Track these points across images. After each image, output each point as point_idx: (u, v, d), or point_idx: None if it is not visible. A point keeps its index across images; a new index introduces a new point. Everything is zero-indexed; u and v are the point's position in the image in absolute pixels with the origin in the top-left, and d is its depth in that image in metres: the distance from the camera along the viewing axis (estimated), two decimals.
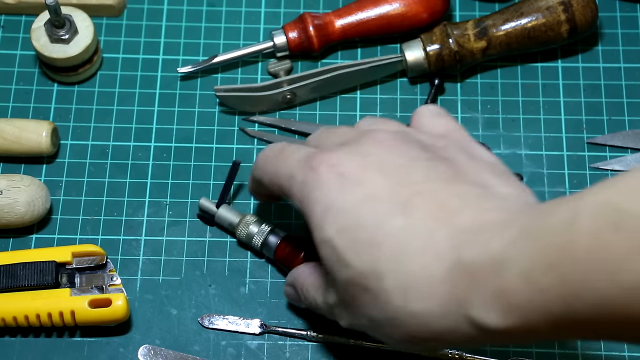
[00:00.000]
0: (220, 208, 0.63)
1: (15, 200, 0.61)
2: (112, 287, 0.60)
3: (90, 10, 0.70)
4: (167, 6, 0.72)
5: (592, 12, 0.66)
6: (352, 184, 0.46)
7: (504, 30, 0.66)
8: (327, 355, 0.60)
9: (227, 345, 0.61)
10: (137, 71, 0.70)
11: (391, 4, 0.68)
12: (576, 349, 0.60)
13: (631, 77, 0.69)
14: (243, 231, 0.61)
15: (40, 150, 0.65)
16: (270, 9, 0.72)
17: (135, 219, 0.65)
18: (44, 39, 0.67)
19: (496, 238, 0.40)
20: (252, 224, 0.61)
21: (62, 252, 0.61)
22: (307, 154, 0.49)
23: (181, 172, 0.66)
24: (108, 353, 0.60)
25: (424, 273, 0.43)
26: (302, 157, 0.49)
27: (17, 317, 0.59)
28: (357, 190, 0.46)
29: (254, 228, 0.61)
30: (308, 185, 0.48)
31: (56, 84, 0.69)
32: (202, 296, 0.62)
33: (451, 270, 0.42)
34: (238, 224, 0.62)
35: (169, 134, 0.68)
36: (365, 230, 0.45)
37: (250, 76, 0.70)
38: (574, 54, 0.70)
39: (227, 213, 0.62)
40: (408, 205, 0.45)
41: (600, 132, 0.67)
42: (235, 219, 0.62)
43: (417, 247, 0.43)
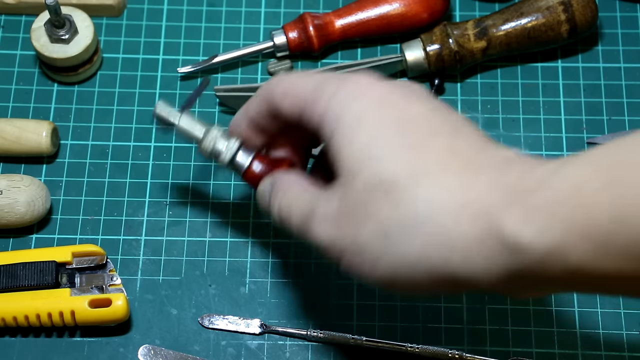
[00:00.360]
0: (183, 116, 0.55)
1: (15, 200, 0.61)
2: (112, 287, 0.60)
3: (90, 10, 0.70)
4: (167, 6, 0.72)
5: (592, 12, 0.66)
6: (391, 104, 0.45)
7: (504, 30, 0.66)
8: (327, 355, 0.60)
9: (227, 345, 0.61)
10: (137, 71, 0.70)
11: (391, 4, 0.68)
12: (576, 348, 0.60)
13: (631, 77, 0.69)
14: (209, 146, 0.54)
15: (40, 150, 0.65)
16: (270, 9, 0.72)
17: (135, 219, 0.65)
18: (44, 39, 0.67)
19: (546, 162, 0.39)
20: (219, 138, 0.54)
21: (62, 252, 0.61)
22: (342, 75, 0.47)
23: (181, 172, 0.66)
24: (108, 353, 0.60)
25: (458, 182, 0.41)
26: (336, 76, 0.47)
27: (17, 317, 0.59)
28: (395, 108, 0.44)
29: (221, 142, 0.54)
30: (340, 93, 0.45)
31: (56, 84, 0.69)
32: (202, 296, 0.62)
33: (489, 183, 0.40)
34: (203, 137, 0.54)
35: (169, 134, 0.68)
36: (404, 142, 0.43)
37: (250, 76, 0.70)
38: (574, 54, 0.70)
39: (191, 123, 0.55)
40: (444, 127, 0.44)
41: (600, 132, 0.67)
42: (200, 132, 0.54)
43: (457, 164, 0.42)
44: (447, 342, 0.61)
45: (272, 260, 0.63)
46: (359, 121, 0.44)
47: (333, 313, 0.62)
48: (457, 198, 0.41)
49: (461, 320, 0.61)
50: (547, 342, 0.60)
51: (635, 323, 0.61)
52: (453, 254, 0.40)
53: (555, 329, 0.61)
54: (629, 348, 0.60)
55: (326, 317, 0.61)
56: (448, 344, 0.61)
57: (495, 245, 0.39)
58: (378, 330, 0.61)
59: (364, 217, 0.43)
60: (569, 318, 0.61)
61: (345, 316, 0.61)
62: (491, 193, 0.40)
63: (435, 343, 0.60)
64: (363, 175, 0.43)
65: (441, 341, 0.61)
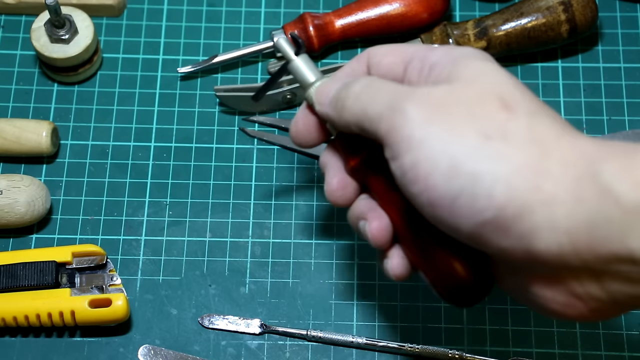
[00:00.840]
0: (302, 55, 0.52)
1: (15, 200, 0.61)
2: (112, 287, 0.60)
3: (90, 10, 0.70)
4: (167, 6, 0.72)
5: (592, 12, 0.66)
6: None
7: (504, 30, 0.66)
8: (327, 355, 0.60)
9: (227, 345, 0.61)
10: (137, 71, 0.70)
11: (391, 4, 0.68)
12: (576, 348, 0.60)
13: (631, 77, 0.69)
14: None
15: (40, 150, 0.65)
16: (270, 9, 0.72)
17: (135, 219, 0.65)
18: (44, 39, 0.67)
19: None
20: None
21: (62, 252, 0.61)
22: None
23: (181, 172, 0.66)
24: (108, 353, 0.60)
25: (569, 130, 0.41)
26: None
27: (17, 317, 0.59)
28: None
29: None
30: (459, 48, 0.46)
31: (56, 84, 0.69)
32: (202, 296, 0.62)
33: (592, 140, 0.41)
34: (313, 83, 0.51)
35: (169, 134, 0.68)
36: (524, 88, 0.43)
37: (250, 76, 0.70)
38: (574, 54, 0.70)
39: (308, 64, 0.51)
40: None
41: (600, 132, 0.67)
42: (312, 77, 0.51)
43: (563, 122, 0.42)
44: (447, 342, 0.61)
45: (272, 260, 0.63)
46: (485, 58, 0.44)
47: (333, 313, 0.62)
48: (566, 139, 0.41)
49: (461, 320, 0.61)
50: (547, 342, 0.60)
51: (635, 323, 0.61)
52: (545, 184, 0.39)
53: (555, 329, 0.61)
54: (629, 348, 0.60)
55: (326, 317, 0.61)
56: (448, 344, 0.61)
57: (590, 187, 0.38)
58: (378, 330, 0.61)
59: (471, 116, 0.41)
60: None
61: (345, 316, 0.61)
62: (599, 145, 0.40)
63: (435, 343, 0.60)
64: (483, 83, 0.42)
65: (441, 341, 0.61)
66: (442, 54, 0.45)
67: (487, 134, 0.41)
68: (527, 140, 0.40)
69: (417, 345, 0.60)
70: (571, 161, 0.40)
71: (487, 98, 0.42)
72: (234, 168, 0.66)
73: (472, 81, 0.43)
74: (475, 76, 0.43)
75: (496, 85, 0.43)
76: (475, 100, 0.42)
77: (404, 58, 0.47)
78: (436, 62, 0.45)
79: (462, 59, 0.44)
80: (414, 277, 0.63)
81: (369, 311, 0.62)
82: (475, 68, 0.44)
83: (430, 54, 0.46)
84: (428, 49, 0.47)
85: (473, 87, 0.43)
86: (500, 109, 0.41)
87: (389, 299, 0.62)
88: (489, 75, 0.43)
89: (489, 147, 0.40)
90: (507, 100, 0.42)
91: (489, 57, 0.45)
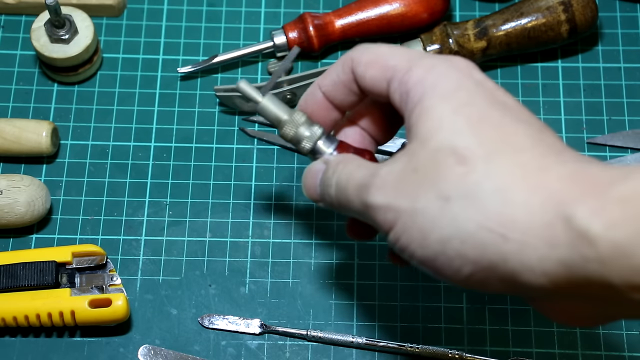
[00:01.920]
0: (268, 96, 0.51)
1: (15, 200, 0.61)
2: (112, 287, 0.60)
3: (90, 10, 0.70)
4: (167, 6, 0.72)
5: (592, 12, 0.66)
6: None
7: (504, 30, 0.66)
8: (327, 355, 0.60)
9: (227, 345, 0.61)
10: (137, 71, 0.70)
11: (391, 4, 0.68)
12: (576, 348, 0.60)
13: (631, 77, 0.69)
14: (290, 130, 0.51)
15: (40, 150, 0.65)
16: (270, 9, 0.72)
17: (135, 219, 0.65)
18: (44, 39, 0.67)
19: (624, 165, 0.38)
20: (303, 124, 0.51)
21: (62, 252, 0.61)
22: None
23: (181, 172, 0.66)
24: (108, 353, 0.60)
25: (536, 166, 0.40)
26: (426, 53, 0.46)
27: (17, 317, 0.59)
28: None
29: (304, 128, 0.51)
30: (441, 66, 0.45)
31: (56, 84, 0.69)
32: (202, 296, 0.62)
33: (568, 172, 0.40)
34: (286, 120, 0.51)
35: (169, 134, 0.68)
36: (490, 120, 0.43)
37: (250, 76, 0.70)
38: (574, 54, 0.70)
39: (275, 103, 0.51)
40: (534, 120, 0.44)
41: (600, 132, 0.67)
42: (284, 114, 0.51)
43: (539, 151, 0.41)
44: (447, 342, 0.61)
45: (272, 260, 0.63)
46: (452, 93, 0.44)
47: (333, 313, 0.62)
48: (531, 180, 0.40)
49: (461, 320, 0.61)
50: (547, 342, 0.60)
51: (636, 323, 0.61)
52: (511, 234, 0.39)
53: (555, 329, 0.61)
54: (629, 348, 0.60)
55: (326, 317, 0.61)
56: (448, 344, 0.61)
57: (562, 231, 0.38)
58: (378, 330, 0.61)
59: (428, 181, 0.42)
60: None
61: (345, 316, 0.61)
62: (568, 181, 0.39)
63: (435, 343, 0.60)
64: (437, 140, 0.42)
65: (441, 341, 0.61)
66: (417, 80, 0.45)
67: (446, 196, 0.41)
68: (487, 192, 0.40)
69: (417, 345, 0.60)
70: (538, 206, 0.39)
71: (442, 157, 0.42)
72: (234, 168, 0.66)
73: (426, 139, 0.43)
74: (431, 132, 0.43)
75: (450, 138, 0.42)
76: (431, 163, 0.42)
77: (386, 74, 0.47)
78: (411, 91, 0.45)
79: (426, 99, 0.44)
80: (414, 278, 0.63)
81: (369, 311, 0.62)
82: (433, 120, 0.43)
83: (407, 77, 0.45)
84: (407, 66, 0.46)
85: (427, 147, 0.42)
86: (455, 164, 0.41)
87: (389, 299, 0.62)
88: (444, 127, 0.42)
89: (449, 210, 0.41)
90: (461, 153, 0.41)
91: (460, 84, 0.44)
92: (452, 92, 0.44)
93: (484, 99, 0.43)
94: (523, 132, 0.42)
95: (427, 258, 0.43)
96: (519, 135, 0.42)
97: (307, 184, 0.51)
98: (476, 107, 0.43)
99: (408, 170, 0.43)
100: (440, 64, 0.45)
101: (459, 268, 0.42)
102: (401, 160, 0.44)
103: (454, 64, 0.45)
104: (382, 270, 0.63)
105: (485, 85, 0.45)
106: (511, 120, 0.43)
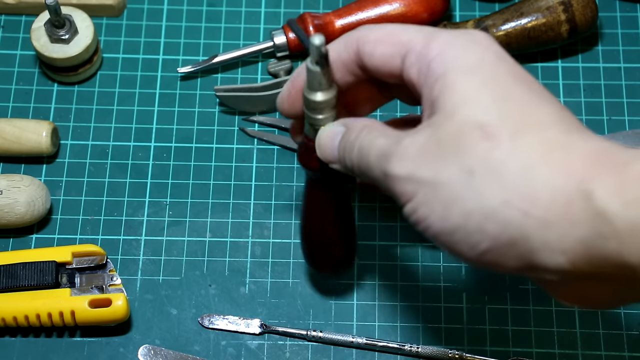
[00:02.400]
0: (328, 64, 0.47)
1: (15, 200, 0.61)
2: (112, 287, 0.60)
3: (90, 10, 0.70)
4: (167, 6, 0.72)
5: (592, 12, 0.66)
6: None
7: (504, 30, 0.66)
8: (327, 355, 0.60)
9: (227, 345, 0.61)
10: (137, 71, 0.70)
11: (391, 4, 0.68)
12: (576, 348, 0.60)
13: (631, 77, 0.69)
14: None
15: (40, 150, 0.65)
16: (270, 9, 0.72)
17: (135, 219, 0.65)
18: (44, 39, 0.67)
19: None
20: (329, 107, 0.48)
21: (62, 252, 0.61)
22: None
23: (181, 172, 0.66)
24: (108, 353, 0.60)
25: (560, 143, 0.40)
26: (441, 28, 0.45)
27: (17, 317, 0.59)
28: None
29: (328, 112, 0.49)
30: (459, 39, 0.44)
31: (56, 84, 0.69)
32: (202, 296, 0.62)
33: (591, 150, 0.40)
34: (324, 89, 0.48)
35: (169, 134, 0.68)
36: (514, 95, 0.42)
37: (250, 76, 0.70)
38: (574, 54, 0.70)
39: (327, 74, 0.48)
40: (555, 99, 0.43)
41: (600, 132, 0.67)
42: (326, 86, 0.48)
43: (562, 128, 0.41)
44: (447, 342, 0.61)
45: (272, 260, 0.63)
46: (476, 67, 0.43)
47: (333, 313, 0.62)
48: (555, 157, 0.40)
49: (461, 320, 0.61)
50: (547, 342, 0.60)
51: (635, 323, 0.61)
52: (534, 211, 0.39)
53: (555, 329, 0.61)
54: (629, 348, 0.60)
55: (326, 317, 0.61)
56: (448, 344, 0.61)
57: (582, 209, 0.38)
58: (378, 330, 0.61)
59: (452, 155, 0.41)
60: (569, 318, 0.61)
61: (345, 316, 0.61)
62: (589, 159, 0.39)
63: (435, 343, 0.60)
64: (462, 114, 0.42)
65: (441, 341, 0.61)
66: (438, 53, 0.44)
67: (470, 170, 0.41)
68: (512, 168, 0.40)
69: (417, 345, 0.60)
70: (560, 183, 0.39)
71: (467, 130, 0.41)
72: (234, 168, 0.66)
73: (451, 113, 0.42)
74: (456, 106, 0.42)
75: (475, 112, 0.42)
76: (456, 136, 0.42)
77: (400, 50, 0.46)
78: (432, 64, 0.44)
79: (450, 72, 0.43)
80: (415, 278, 0.63)
81: (369, 311, 0.62)
82: (457, 94, 0.42)
83: (426, 50, 0.45)
84: (424, 41, 0.45)
85: (453, 121, 0.42)
86: (480, 139, 0.41)
87: (389, 299, 0.62)
88: (469, 102, 0.42)
89: (473, 184, 0.40)
90: (487, 128, 0.41)
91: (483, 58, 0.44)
92: (475, 66, 0.43)
93: (507, 75, 0.43)
94: (547, 108, 0.42)
95: (445, 231, 0.42)
96: (543, 111, 0.42)
97: (323, 144, 0.49)
98: (501, 82, 0.43)
99: (432, 142, 0.42)
100: (460, 36, 0.44)
101: (476, 243, 0.41)
102: (425, 131, 0.43)
103: (474, 37, 0.45)
104: (382, 270, 0.63)
105: (507, 60, 0.44)
106: (535, 96, 0.43)
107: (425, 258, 0.63)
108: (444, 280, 0.62)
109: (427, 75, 0.44)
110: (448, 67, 0.43)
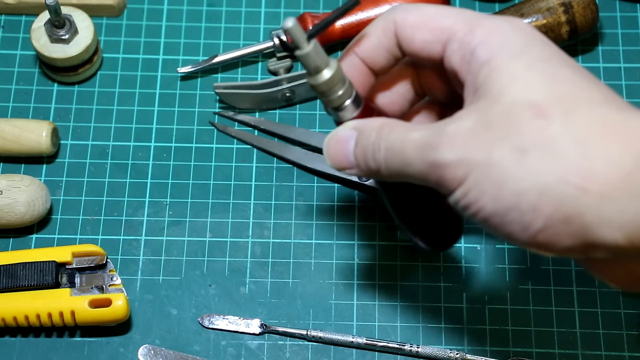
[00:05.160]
0: (313, 42, 0.46)
1: (15, 200, 0.61)
2: (112, 287, 0.60)
3: (90, 10, 0.70)
4: (167, 6, 0.72)
5: (592, 14, 0.66)
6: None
7: None
8: (327, 355, 0.60)
9: (227, 345, 0.61)
10: (137, 71, 0.70)
11: (391, 4, 0.68)
12: (576, 348, 0.60)
13: (631, 77, 0.69)
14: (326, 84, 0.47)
15: (40, 150, 0.65)
16: (270, 9, 0.72)
17: (135, 219, 0.65)
18: (44, 39, 0.67)
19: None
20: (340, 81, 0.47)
21: (62, 252, 0.61)
22: None
23: (181, 172, 0.66)
24: (108, 353, 0.60)
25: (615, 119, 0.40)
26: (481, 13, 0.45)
27: (17, 317, 0.59)
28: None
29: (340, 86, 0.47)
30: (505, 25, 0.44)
31: (56, 84, 0.69)
32: (202, 296, 0.62)
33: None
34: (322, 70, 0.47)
35: (169, 134, 0.68)
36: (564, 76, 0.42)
37: (250, 76, 0.70)
38: (574, 54, 0.70)
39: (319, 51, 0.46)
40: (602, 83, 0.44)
41: None
42: (323, 64, 0.47)
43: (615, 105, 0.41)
44: (447, 342, 0.61)
45: (272, 260, 0.63)
46: (523, 51, 0.43)
47: (333, 313, 0.62)
48: (609, 132, 0.39)
49: (461, 320, 0.61)
50: (547, 342, 0.60)
51: (635, 323, 0.61)
52: (591, 186, 0.39)
53: (555, 329, 0.61)
54: (629, 348, 0.60)
55: (326, 317, 0.61)
56: (448, 344, 0.61)
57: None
58: (378, 330, 0.61)
59: (503, 135, 0.41)
60: (569, 318, 0.61)
61: (345, 316, 0.61)
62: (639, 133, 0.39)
63: (435, 343, 0.60)
64: (511, 95, 0.41)
65: (441, 341, 0.61)
66: (482, 40, 0.44)
67: (523, 149, 0.40)
68: (566, 144, 0.39)
69: (417, 345, 0.60)
70: (616, 157, 0.39)
71: (517, 110, 0.41)
72: (234, 168, 0.66)
73: (499, 95, 0.42)
74: (504, 87, 0.42)
75: (526, 91, 0.41)
76: (505, 117, 0.41)
77: (440, 36, 0.45)
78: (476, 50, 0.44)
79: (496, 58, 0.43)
80: (415, 278, 0.63)
81: (369, 311, 0.62)
82: (505, 77, 0.42)
83: (469, 37, 0.44)
84: (467, 27, 0.45)
85: (501, 103, 0.42)
86: (533, 117, 0.40)
87: (389, 298, 0.62)
88: (518, 83, 0.42)
89: (527, 162, 0.40)
90: (539, 105, 0.41)
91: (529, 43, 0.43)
92: (522, 50, 0.43)
93: (554, 58, 0.43)
94: (597, 88, 0.42)
95: (497, 212, 0.41)
96: (593, 91, 0.42)
97: (334, 152, 0.48)
98: (548, 64, 0.42)
99: (480, 125, 0.42)
100: (503, 23, 0.44)
101: (530, 223, 0.40)
102: (470, 117, 0.42)
103: (516, 24, 0.44)
104: (382, 270, 0.63)
105: (551, 45, 0.44)
106: (584, 77, 0.42)
107: (426, 258, 0.63)
108: (444, 280, 0.62)
109: (470, 62, 0.44)
110: (493, 53, 0.43)
